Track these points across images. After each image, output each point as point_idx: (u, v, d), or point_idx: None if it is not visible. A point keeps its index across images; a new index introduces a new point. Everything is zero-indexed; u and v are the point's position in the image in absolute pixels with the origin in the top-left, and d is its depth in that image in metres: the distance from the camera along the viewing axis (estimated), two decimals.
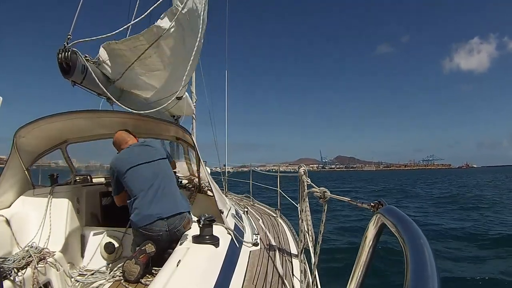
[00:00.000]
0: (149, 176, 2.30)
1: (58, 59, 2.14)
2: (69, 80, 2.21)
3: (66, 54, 2.11)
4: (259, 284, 1.91)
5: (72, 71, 2.16)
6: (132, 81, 2.97)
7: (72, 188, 2.82)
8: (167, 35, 2.50)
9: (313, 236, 2.30)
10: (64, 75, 2.17)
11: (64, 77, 2.18)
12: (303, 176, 2.40)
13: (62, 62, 2.14)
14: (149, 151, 2.47)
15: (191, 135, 2.74)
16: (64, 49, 2.12)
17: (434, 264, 0.50)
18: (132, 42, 2.47)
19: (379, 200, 1.00)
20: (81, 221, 2.74)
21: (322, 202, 1.77)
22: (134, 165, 2.33)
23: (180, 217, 2.23)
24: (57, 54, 2.14)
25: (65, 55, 2.11)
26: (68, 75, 2.17)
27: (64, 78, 2.22)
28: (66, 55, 2.11)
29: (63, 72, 2.17)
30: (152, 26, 2.42)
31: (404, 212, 0.72)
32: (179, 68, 2.94)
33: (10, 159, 2.46)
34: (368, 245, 0.80)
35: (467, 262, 6.10)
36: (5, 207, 2.47)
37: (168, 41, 2.62)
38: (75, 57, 2.16)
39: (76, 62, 2.18)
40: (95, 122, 2.76)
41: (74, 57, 2.15)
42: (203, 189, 2.89)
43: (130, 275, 2.00)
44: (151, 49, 2.55)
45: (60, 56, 2.13)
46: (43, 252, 2.19)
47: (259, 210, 4.90)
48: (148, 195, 2.22)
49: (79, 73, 2.21)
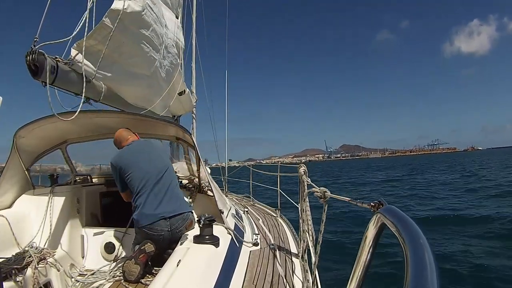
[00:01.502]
0: (152, 174, 2.27)
1: (26, 61, 2.24)
2: (39, 81, 2.29)
3: (33, 56, 2.21)
4: (259, 284, 1.91)
5: (40, 72, 2.25)
6: (119, 78, 2.98)
7: (72, 188, 2.83)
8: (130, 15, 2.57)
9: (313, 236, 2.30)
10: (33, 76, 2.28)
11: (33, 78, 2.28)
12: (303, 176, 2.40)
13: (30, 64, 2.23)
14: (151, 148, 2.46)
15: (191, 135, 2.74)
16: (31, 51, 2.21)
17: (434, 264, 0.50)
18: (99, 33, 2.50)
19: (379, 200, 1.00)
20: (81, 221, 2.74)
21: (322, 202, 1.77)
22: (135, 162, 2.30)
23: (182, 218, 2.22)
24: (25, 57, 2.25)
25: (32, 57, 2.21)
26: (37, 76, 2.26)
27: (34, 79, 2.31)
28: (33, 57, 2.21)
29: (32, 73, 2.26)
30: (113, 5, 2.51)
31: (404, 212, 0.72)
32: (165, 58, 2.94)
33: (10, 159, 2.47)
34: (368, 245, 0.80)
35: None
36: (6, 207, 2.48)
37: (134, 22, 2.66)
38: (42, 58, 2.25)
39: (44, 63, 2.26)
40: (94, 122, 2.77)
41: (41, 58, 2.24)
42: (203, 189, 2.89)
43: (130, 275, 2.01)
44: (119, 33, 2.57)
45: (28, 58, 2.23)
46: (43, 252, 2.19)
47: (259, 210, 4.90)
48: (151, 193, 2.21)
49: (48, 73, 2.29)
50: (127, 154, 2.38)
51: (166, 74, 3.63)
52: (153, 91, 3.52)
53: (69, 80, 2.48)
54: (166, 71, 3.63)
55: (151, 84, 3.41)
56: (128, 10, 2.57)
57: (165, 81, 3.70)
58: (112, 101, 3.08)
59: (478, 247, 6.26)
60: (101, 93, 2.79)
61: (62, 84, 2.44)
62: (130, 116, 2.81)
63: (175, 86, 4.06)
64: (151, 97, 3.54)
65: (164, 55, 3.56)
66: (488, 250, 6.01)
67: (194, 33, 6.04)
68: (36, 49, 2.21)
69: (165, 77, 3.65)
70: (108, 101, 3.00)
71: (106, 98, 2.92)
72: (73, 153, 3.14)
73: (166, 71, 3.63)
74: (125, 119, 2.76)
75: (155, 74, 3.38)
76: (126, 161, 2.32)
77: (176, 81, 3.98)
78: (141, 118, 2.70)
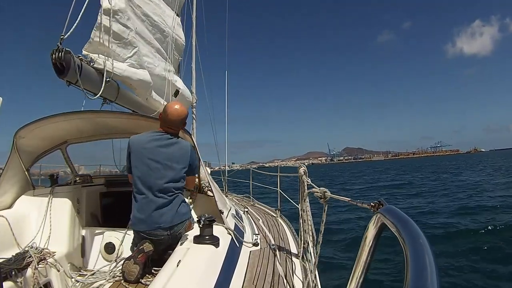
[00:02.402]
0: (158, 171, 2.10)
1: (52, 60, 2.17)
2: (64, 80, 2.24)
3: (59, 54, 2.15)
4: (259, 284, 1.91)
5: (66, 71, 2.20)
6: (127, 75, 3.00)
7: (72, 189, 2.82)
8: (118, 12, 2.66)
9: (313, 236, 2.30)
10: (59, 75, 2.22)
11: (59, 77, 2.23)
12: (303, 176, 2.40)
13: (56, 62, 2.17)
14: (174, 145, 2.20)
15: (191, 136, 2.75)
16: (58, 49, 2.15)
17: (434, 264, 0.51)
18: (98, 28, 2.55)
19: (379, 200, 1.00)
20: (81, 221, 2.74)
21: (323, 202, 1.78)
22: (150, 153, 2.11)
23: (182, 224, 2.16)
24: (51, 55, 2.18)
25: (59, 55, 2.15)
26: (63, 75, 2.20)
27: (59, 78, 2.26)
28: (60, 55, 2.15)
29: (58, 72, 2.20)
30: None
31: (404, 212, 0.72)
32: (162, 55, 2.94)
33: (10, 159, 2.47)
34: (368, 245, 0.80)
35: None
36: (6, 207, 2.48)
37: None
38: (69, 57, 2.20)
39: (70, 62, 2.21)
40: (94, 122, 2.77)
41: (68, 57, 2.19)
42: (203, 189, 2.89)
43: (130, 275, 2.00)
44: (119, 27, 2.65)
45: (54, 56, 2.16)
46: (43, 252, 2.19)
47: (259, 210, 4.90)
48: (153, 197, 2.08)
49: (74, 72, 2.24)
50: (149, 139, 2.15)
51: (163, 71, 3.70)
52: (156, 88, 3.56)
53: (90, 79, 2.45)
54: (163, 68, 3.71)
55: (154, 81, 3.45)
56: (116, 7, 2.63)
57: (163, 79, 3.75)
58: (125, 102, 3.09)
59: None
60: (117, 94, 2.79)
61: (83, 83, 2.39)
62: (130, 116, 2.81)
63: (173, 85, 4.09)
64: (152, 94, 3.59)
65: (162, 52, 3.62)
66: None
67: (194, 33, 6.04)
68: (62, 47, 2.15)
69: (163, 74, 3.70)
70: (122, 102, 3.00)
71: (120, 99, 2.93)
72: (73, 153, 3.14)
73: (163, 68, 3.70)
74: (126, 119, 2.76)
75: (154, 71, 3.43)
76: (141, 146, 2.12)
77: (173, 80, 4.03)
78: (141, 118, 2.70)
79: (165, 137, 2.19)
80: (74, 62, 2.23)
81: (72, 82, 2.24)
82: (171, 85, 3.93)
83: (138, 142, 2.16)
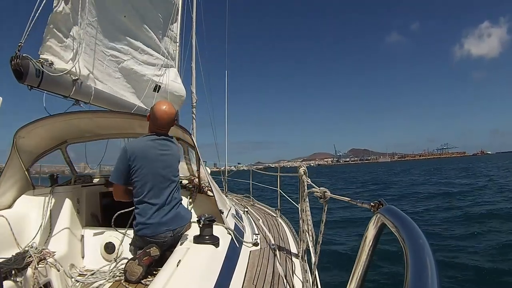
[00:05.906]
0: (162, 179, 2.13)
1: (12, 66, 2.29)
2: (24, 84, 2.33)
3: (17, 60, 2.26)
4: (259, 284, 1.91)
5: (24, 76, 2.30)
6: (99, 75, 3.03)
7: (72, 189, 2.82)
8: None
9: (313, 236, 2.30)
10: (18, 80, 2.33)
11: (18, 81, 2.33)
12: (303, 176, 2.40)
13: (15, 69, 2.28)
14: (171, 150, 2.23)
15: (191, 135, 2.74)
16: (16, 56, 2.27)
17: (434, 264, 0.50)
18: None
19: (379, 200, 1.00)
20: (81, 221, 2.74)
21: (322, 202, 1.77)
22: (153, 162, 2.10)
23: (184, 226, 2.21)
24: (10, 62, 2.30)
25: (17, 61, 2.26)
26: (22, 79, 2.31)
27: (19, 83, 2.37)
28: (17, 61, 2.26)
29: (17, 77, 2.31)
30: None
31: (404, 212, 0.72)
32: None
33: (10, 159, 2.47)
34: (368, 245, 0.80)
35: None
36: (6, 207, 2.48)
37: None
38: (27, 62, 2.30)
39: (28, 67, 2.31)
40: (94, 122, 2.77)
41: (25, 62, 2.29)
42: (203, 189, 2.89)
43: (131, 276, 2.00)
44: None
45: (12, 63, 2.28)
46: (43, 252, 2.19)
47: (259, 210, 4.90)
48: (159, 201, 2.09)
49: (33, 76, 2.34)
50: (149, 147, 2.11)
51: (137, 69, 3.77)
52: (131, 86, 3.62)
53: (57, 83, 2.51)
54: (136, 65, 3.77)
55: (127, 77, 3.50)
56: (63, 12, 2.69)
57: (138, 75, 3.83)
58: (102, 102, 3.11)
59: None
60: (91, 95, 2.82)
61: (47, 86, 2.48)
62: (130, 116, 2.81)
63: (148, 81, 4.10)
64: (128, 92, 3.63)
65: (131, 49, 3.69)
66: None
67: (194, 33, 6.04)
68: (20, 54, 2.26)
69: (137, 71, 3.77)
70: (98, 103, 3.02)
71: (96, 100, 2.95)
72: (74, 153, 3.15)
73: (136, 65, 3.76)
74: (125, 119, 2.76)
75: (125, 69, 3.51)
76: (143, 155, 2.07)
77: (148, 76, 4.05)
78: (141, 118, 2.70)
79: (162, 143, 2.18)
80: (33, 67, 2.33)
81: (34, 86, 2.33)
82: (144, 79, 3.92)
83: (141, 150, 2.10)
